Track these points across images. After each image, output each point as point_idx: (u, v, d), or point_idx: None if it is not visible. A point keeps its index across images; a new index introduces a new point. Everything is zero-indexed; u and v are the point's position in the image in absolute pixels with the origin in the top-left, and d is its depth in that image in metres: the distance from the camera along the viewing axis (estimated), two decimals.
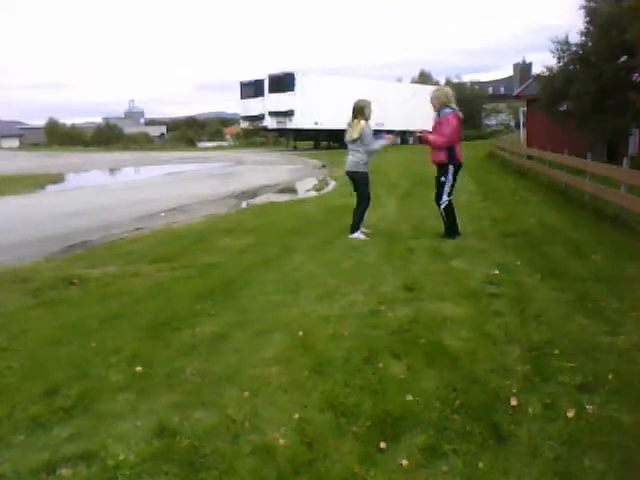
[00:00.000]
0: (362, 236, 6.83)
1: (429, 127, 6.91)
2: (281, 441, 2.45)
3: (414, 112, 34.94)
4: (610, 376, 2.95)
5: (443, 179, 6.53)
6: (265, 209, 10.42)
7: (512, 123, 46.47)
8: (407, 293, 4.52)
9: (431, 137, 6.50)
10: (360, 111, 6.78)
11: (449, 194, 6.57)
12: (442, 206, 6.60)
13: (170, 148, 45.68)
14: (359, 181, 6.94)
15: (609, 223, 7.54)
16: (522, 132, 24.90)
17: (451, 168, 6.49)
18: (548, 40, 15.56)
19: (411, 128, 35.63)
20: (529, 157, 15.05)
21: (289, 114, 30.02)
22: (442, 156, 6.47)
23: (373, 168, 7.38)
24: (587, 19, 14.85)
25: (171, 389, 2.98)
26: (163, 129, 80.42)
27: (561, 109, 16.33)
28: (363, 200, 6.93)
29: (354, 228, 6.86)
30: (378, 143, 6.95)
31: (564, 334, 3.58)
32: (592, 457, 2.31)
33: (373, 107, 7.01)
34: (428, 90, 8.16)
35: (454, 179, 6.54)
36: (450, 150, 6.43)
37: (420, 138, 6.68)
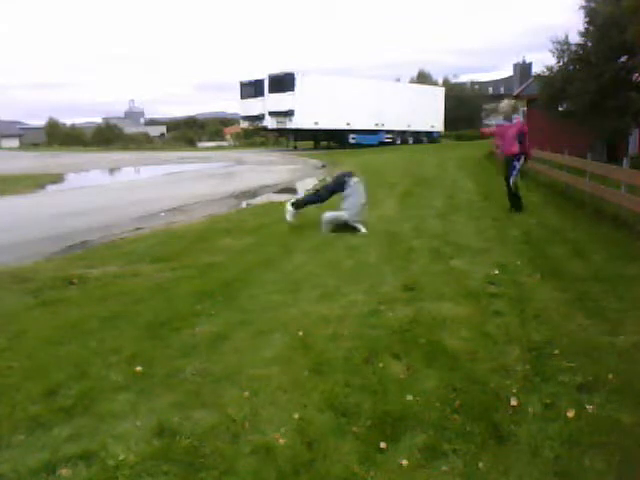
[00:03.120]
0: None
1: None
2: (281, 441, 2.46)
3: (414, 112, 35.00)
4: (610, 376, 2.96)
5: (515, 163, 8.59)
6: (265, 209, 10.41)
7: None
8: (407, 293, 4.52)
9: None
10: None
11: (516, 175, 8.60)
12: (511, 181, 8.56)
13: (170, 148, 45.62)
14: None
15: (609, 223, 7.54)
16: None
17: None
18: (548, 40, 15.59)
19: (411, 128, 35.80)
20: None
21: (289, 114, 29.97)
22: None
23: (371, 169, 7.44)
24: (587, 19, 14.84)
25: (171, 389, 2.98)
26: (163, 129, 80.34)
27: (561, 109, 16.33)
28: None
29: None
30: None
31: (564, 334, 3.58)
32: (592, 457, 2.31)
33: (373, 107, 7.24)
34: (427, 90, 8.23)
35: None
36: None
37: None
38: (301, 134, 32.89)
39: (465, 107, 49.52)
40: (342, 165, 20.17)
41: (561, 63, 15.72)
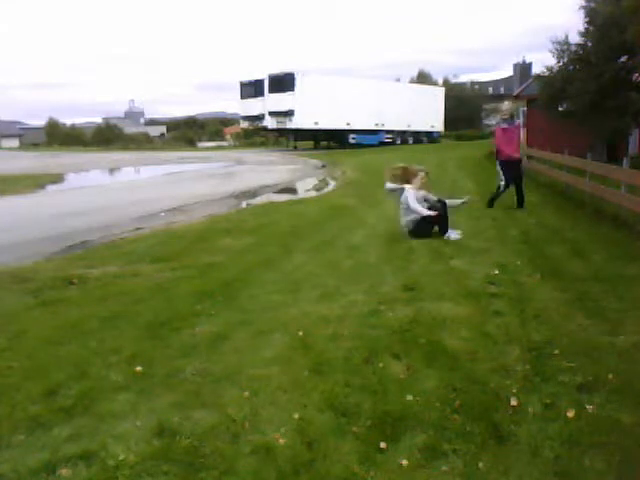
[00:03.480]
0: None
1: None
2: (281, 441, 2.45)
3: (414, 112, 35.02)
4: (610, 376, 2.95)
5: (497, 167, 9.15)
6: (265, 209, 10.42)
7: None
8: (407, 293, 4.52)
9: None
10: None
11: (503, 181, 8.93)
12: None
13: (170, 148, 45.61)
14: None
15: (609, 223, 7.53)
16: (522, 132, 24.89)
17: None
18: (548, 40, 15.61)
19: (411, 128, 35.81)
20: (529, 157, 15.04)
21: (289, 114, 30.00)
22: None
23: (371, 169, 7.41)
24: (587, 19, 14.85)
25: (171, 389, 2.98)
26: (163, 129, 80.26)
27: (561, 109, 16.34)
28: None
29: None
30: None
31: (564, 334, 3.58)
32: (592, 457, 2.31)
33: (373, 107, 7.02)
34: (427, 90, 8.27)
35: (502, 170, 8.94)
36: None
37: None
38: (301, 134, 32.92)
39: (465, 107, 49.54)
40: (342, 165, 20.18)
41: (561, 63, 15.73)
